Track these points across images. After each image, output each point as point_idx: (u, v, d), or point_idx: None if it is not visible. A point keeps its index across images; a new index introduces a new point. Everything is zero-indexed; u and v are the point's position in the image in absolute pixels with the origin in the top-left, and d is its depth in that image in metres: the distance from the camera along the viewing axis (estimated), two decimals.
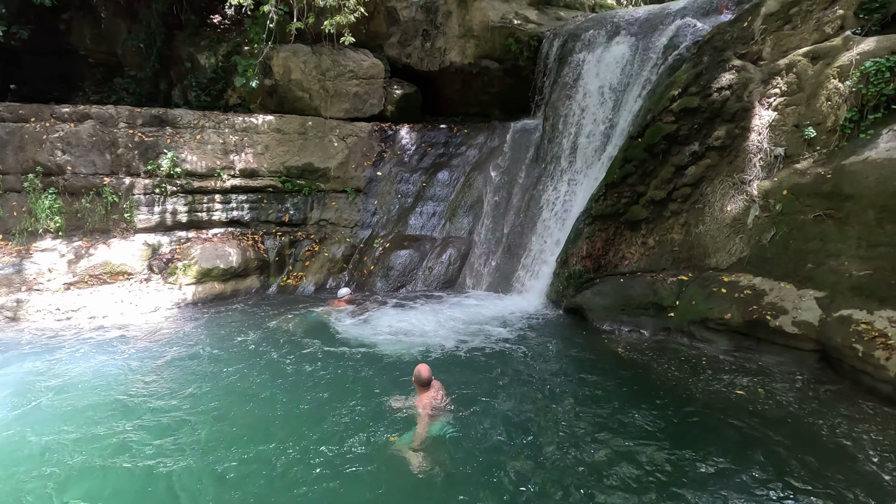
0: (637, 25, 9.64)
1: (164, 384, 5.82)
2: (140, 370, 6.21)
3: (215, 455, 4.43)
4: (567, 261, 8.52)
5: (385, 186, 11.20)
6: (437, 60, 11.67)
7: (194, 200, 9.96)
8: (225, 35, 11.48)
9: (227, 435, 4.76)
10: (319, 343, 7.00)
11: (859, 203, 6.04)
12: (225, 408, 5.27)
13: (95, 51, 12.19)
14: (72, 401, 5.43)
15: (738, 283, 6.80)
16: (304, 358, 6.54)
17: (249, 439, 4.67)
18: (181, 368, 6.26)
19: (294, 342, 7.11)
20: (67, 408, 5.29)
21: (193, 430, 4.85)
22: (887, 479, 4.02)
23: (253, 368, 6.23)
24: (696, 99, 7.47)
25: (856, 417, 4.94)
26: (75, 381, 5.90)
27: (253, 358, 6.56)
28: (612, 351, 6.79)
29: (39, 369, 6.23)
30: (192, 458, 4.39)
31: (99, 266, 8.89)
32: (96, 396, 5.52)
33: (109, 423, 4.97)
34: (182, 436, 4.74)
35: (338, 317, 8.15)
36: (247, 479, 4.13)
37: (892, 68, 6.07)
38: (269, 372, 6.12)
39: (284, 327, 7.77)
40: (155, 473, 4.20)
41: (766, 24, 7.47)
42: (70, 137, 9.28)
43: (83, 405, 5.32)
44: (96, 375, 6.06)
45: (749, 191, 7.13)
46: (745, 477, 4.09)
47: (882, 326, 5.38)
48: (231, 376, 6.02)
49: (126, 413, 5.17)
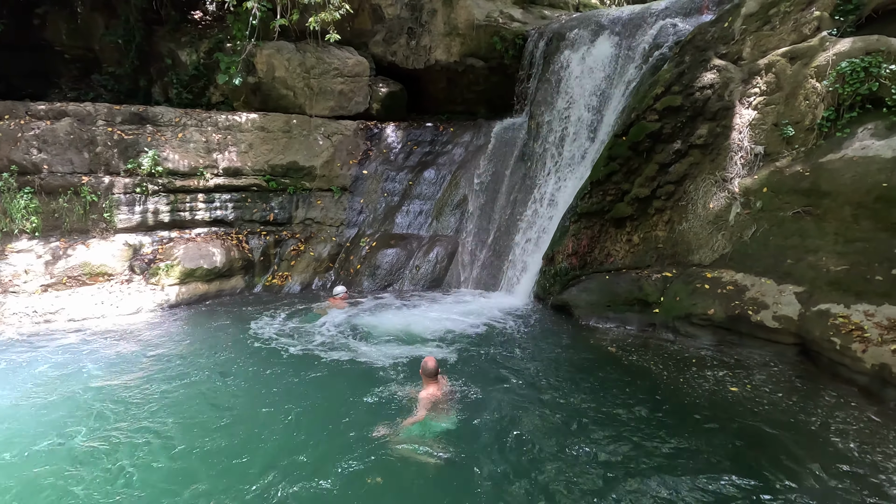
0: (620, 25, 9.74)
1: (143, 389, 5.65)
2: (118, 374, 6.06)
3: (190, 465, 4.28)
4: (553, 258, 8.58)
5: (371, 185, 11.15)
6: (422, 58, 11.65)
7: (177, 200, 9.79)
8: (206, 31, 11.29)
9: (206, 445, 4.56)
10: (307, 344, 6.95)
11: (836, 200, 6.20)
12: (206, 414, 5.12)
13: (72, 46, 11.89)
14: (46, 408, 5.25)
15: (720, 279, 6.93)
16: (291, 360, 6.49)
17: (231, 451, 4.46)
18: (161, 372, 6.12)
19: (282, 343, 7.04)
20: (41, 415, 5.11)
21: (170, 437, 4.67)
22: (864, 467, 4.16)
23: (237, 373, 6.12)
24: (678, 98, 7.58)
25: (834, 408, 5.08)
26: (51, 387, 5.74)
27: (237, 361, 6.47)
28: (598, 347, 6.87)
29: (14, 374, 6.06)
30: (168, 469, 4.24)
31: (78, 267, 8.69)
32: (71, 404, 5.34)
33: (83, 432, 4.77)
34: (158, 446, 4.54)
35: (330, 316, 8.09)
36: (227, 491, 3.95)
37: (866, 68, 6.24)
38: (253, 377, 6.02)
39: (272, 328, 7.69)
40: (127, 483, 4.07)
41: (746, 24, 7.61)
42: (46, 135, 9.04)
43: (58, 415, 5.12)
44: (73, 380, 5.91)
45: (731, 188, 7.27)
46: (720, 464, 4.19)
47: (858, 320, 5.54)
48: (214, 381, 5.89)
49: (101, 420, 4.99)
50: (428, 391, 4.92)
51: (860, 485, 3.96)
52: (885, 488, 3.92)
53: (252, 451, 4.47)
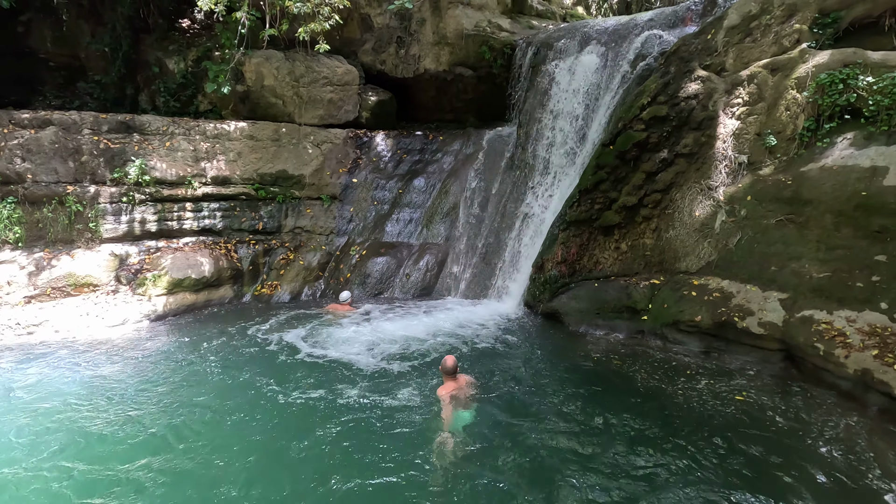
0: (607, 35, 9.90)
1: (127, 404, 5.53)
2: (102, 387, 5.94)
3: (173, 487, 4.17)
4: (543, 266, 8.64)
5: (361, 193, 11.15)
6: (411, 67, 11.71)
7: (164, 209, 9.70)
8: (195, 40, 11.24)
9: (194, 466, 4.44)
10: (295, 354, 6.91)
11: (817, 208, 6.35)
12: (194, 430, 5.02)
13: (57, 54, 11.73)
14: (27, 424, 5.12)
15: (707, 286, 7.03)
16: (281, 370, 6.44)
17: (219, 472, 4.35)
18: (147, 385, 6.02)
19: (272, 351, 6.99)
20: (22, 431, 4.99)
21: (157, 456, 4.56)
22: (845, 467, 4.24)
23: (228, 387, 6.03)
24: (664, 108, 7.71)
25: (817, 413, 5.17)
26: (33, 401, 5.61)
27: (227, 375, 6.39)
28: (587, 354, 6.92)
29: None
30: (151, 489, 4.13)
31: (62, 278, 8.55)
32: (50, 419, 5.21)
33: (66, 449, 4.67)
34: (142, 466, 4.42)
35: (321, 326, 8.05)
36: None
37: (844, 80, 6.42)
38: (245, 390, 5.93)
39: (263, 336, 7.63)
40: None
41: (729, 36, 7.79)
42: (30, 144, 8.91)
43: (40, 429, 5.01)
44: (56, 394, 5.78)
45: (716, 196, 7.40)
46: (704, 470, 4.24)
47: (841, 326, 5.66)
48: (201, 395, 5.78)
49: (85, 436, 4.88)
50: (447, 387, 5.33)
51: (844, 489, 4.04)
52: (869, 493, 4.00)
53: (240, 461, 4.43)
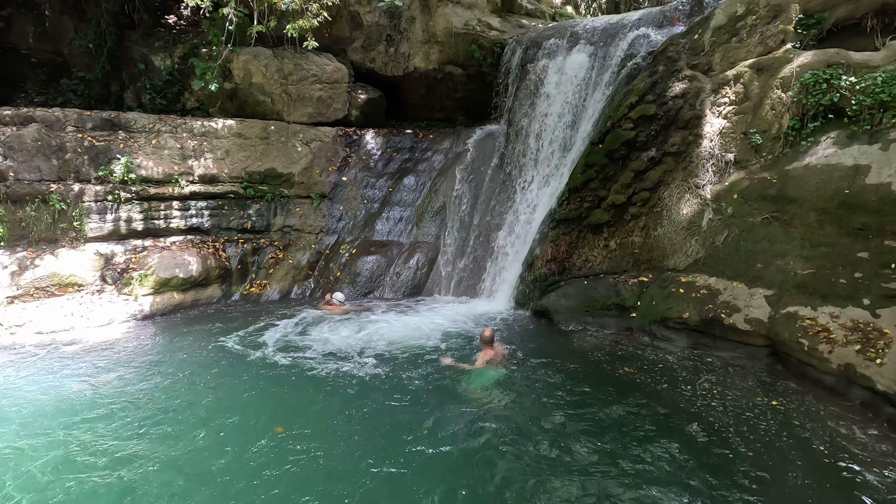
0: (596, 35, 9.95)
1: (110, 406, 5.42)
2: (87, 390, 5.82)
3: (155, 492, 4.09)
4: (532, 264, 8.68)
5: (351, 192, 11.10)
6: (401, 65, 11.68)
7: (151, 207, 9.57)
8: (181, 36, 11.10)
9: (182, 466, 4.36)
10: (284, 353, 6.87)
11: (802, 206, 6.45)
12: (179, 433, 4.91)
13: (39, 50, 11.52)
14: (5, 430, 5.00)
15: (694, 284, 7.11)
16: (269, 370, 6.40)
17: (207, 480, 4.23)
18: (133, 385, 5.92)
19: (261, 351, 6.94)
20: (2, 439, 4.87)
21: (141, 463, 4.42)
22: (834, 462, 4.32)
23: (215, 386, 5.97)
24: (652, 107, 7.78)
25: (802, 407, 5.25)
26: (13, 405, 5.47)
27: (215, 374, 6.34)
28: (577, 351, 6.97)
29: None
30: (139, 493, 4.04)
31: (46, 278, 8.40)
32: (32, 422, 5.11)
33: (47, 455, 4.53)
34: (130, 469, 4.32)
35: (311, 325, 8.00)
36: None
37: (828, 80, 6.53)
38: (232, 390, 5.88)
39: (251, 336, 7.57)
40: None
41: (715, 36, 7.87)
42: (12, 142, 8.74)
43: (22, 433, 4.89)
44: (38, 397, 5.67)
45: (703, 195, 7.48)
46: (696, 465, 4.29)
47: (825, 322, 5.75)
48: (189, 395, 5.70)
49: (66, 446, 4.70)
50: (485, 353, 6.37)
51: (827, 481, 4.11)
52: (852, 486, 4.08)
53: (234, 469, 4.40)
